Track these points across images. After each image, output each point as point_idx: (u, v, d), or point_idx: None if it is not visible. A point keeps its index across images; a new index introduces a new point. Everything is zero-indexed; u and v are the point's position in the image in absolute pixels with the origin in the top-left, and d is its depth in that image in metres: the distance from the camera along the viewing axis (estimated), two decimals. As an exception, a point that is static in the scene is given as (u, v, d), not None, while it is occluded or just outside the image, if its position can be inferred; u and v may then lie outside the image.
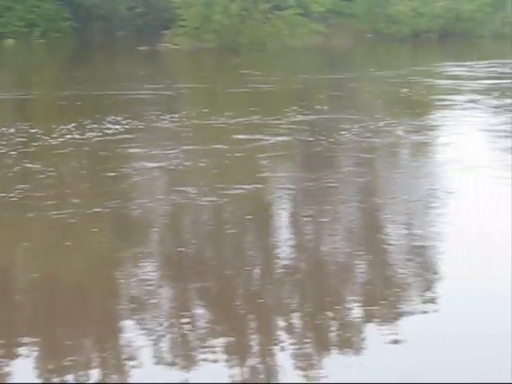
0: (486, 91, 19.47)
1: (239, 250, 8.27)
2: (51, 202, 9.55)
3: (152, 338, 5.80)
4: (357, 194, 10.31)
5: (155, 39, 36.11)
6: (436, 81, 22.29)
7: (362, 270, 7.44)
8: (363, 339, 5.75)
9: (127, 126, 15.12)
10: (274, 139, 13.68)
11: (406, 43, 35.52)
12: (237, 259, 7.94)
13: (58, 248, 8.18)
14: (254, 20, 35.36)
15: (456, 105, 17.58)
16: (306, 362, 5.43)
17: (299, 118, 15.90)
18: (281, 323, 6.13)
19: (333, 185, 10.63)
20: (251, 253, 8.23)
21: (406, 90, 20.89)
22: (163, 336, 5.84)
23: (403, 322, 6.01)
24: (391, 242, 8.11)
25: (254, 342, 5.82)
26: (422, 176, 11.10)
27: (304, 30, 35.85)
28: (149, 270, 7.35)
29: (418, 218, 9.02)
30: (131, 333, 5.86)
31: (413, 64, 27.30)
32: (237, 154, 12.52)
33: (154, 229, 8.95)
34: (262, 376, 5.28)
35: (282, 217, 9.23)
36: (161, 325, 6.05)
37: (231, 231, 8.79)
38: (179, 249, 8.13)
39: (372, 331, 5.87)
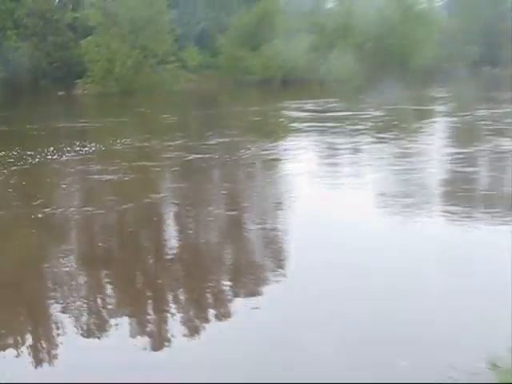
0: (337, 120, 20.15)
1: (144, 243, 8.60)
2: (6, 212, 9.96)
3: (73, 312, 6.06)
4: (233, 199, 10.79)
5: (70, 86, 37.38)
6: (299, 113, 22.75)
7: (230, 255, 7.95)
8: (233, 307, 6.12)
9: (93, 148, 15.83)
10: (192, 156, 14.25)
11: (258, 87, 37.43)
12: (142, 251, 8.18)
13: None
14: (144, 71, 37.69)
15: (320, 130, 18.26)
16: (189, 325, 5.78)
17: (215, 140, 16.75)
18: (172, 297, 6.51)
19: (222, 192, 11.21)
20: (153, 245, 8.52)
21: (282, 119, 22.09)
22: (82, 311, 6.12)
23: (262, 292, 6.47)
24: (252, 234, 8.53)
25: (152, 310, 6.17)
26: (281, 184, 11.67)
27: (182, 78, 38.66)
28: (74, 260, 7.64)
29: (273, 216, 9.34)
30: (56, 309, 6.14)
31: (274, 102, 28.39)
32: (157, 169, 13.17)
33: (83, 229, 9.27)
34: (156, 336, 5.59)
35: (177, 218, 9.66)
36: (80, 302, 6.33)
37: (141, 229, 9.19)
38: (99, 244, 8.59)
39: (240, 300, 6.27)
